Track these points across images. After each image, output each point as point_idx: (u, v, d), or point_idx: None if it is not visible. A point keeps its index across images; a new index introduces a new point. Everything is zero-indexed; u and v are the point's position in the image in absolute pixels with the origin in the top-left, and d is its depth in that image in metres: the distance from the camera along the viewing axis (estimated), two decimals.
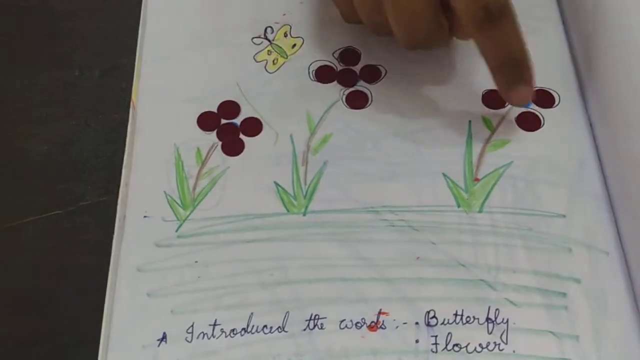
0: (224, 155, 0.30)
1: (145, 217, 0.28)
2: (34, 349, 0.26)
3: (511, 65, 0.28)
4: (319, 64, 0.32)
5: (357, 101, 0.31)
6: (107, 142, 0.31)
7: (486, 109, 0.30)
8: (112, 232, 0.28)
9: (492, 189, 0.28)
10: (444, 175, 0.29)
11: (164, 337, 0.25)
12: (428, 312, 0.26)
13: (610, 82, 0.29)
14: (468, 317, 0.25)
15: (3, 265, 0.28)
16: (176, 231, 0.28)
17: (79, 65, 0.33)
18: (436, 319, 0.25)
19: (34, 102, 0.32)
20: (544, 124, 0.30)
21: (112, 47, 0.33)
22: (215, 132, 0.30)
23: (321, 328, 0.25)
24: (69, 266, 0.28)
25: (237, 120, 0.31)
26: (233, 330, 0.26)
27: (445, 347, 0.25)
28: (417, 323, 0.25)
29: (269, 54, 0.33)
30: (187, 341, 0.25)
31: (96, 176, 0.30)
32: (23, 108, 0.32)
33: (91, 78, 0.33)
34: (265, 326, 0.26)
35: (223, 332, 0.26)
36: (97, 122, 0.31)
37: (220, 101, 0.31)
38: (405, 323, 0.25)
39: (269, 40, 0.33)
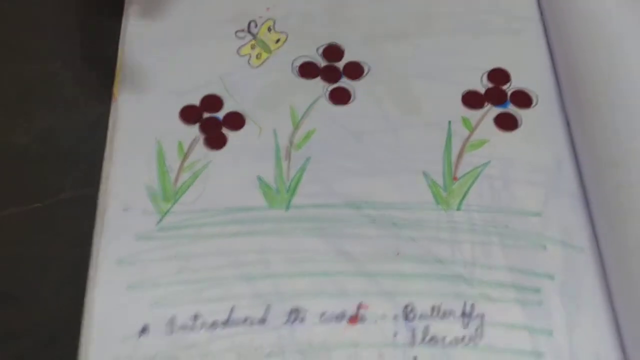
0: (206, 149, 0.30)
1: (125, 210, 0.28)
2: (15, 342, 0.26)
3: None
4: (302, 59, 0.32)
5: (340, 97, 0.31)
6: (89, 135, 0.30)
7: (465, 109, 0.31)
8: (93, 225, 0.28)
9: (470, 187, 0.29)
10: (424, 173, 0.29)
11: (144, 330, 0.26)
12: (406, 306, 0.26)
13: (588, 83, 0.30)
14: (445, 311, 0.26)
15: None
16: (157, 224, 0.28)
17: (61, 57, 0.33)
18: (414, 312, 0.26)
19: (15, 94, 0.31)
20: (521, 124, 0.30)
21: (96, 39, 0.33)
22: (197, 125, 0.30)
23: (302, 321, 0.26)
24: (50, 259, 0.27)
25: (220, 114, 0.31)
26: (214, 322, 0.26)
27: (423, 340, 0.25)
28: (395, 316, 0.26)
29: (252, 49, 0.33)
30: (168, 334, 0.25)
31: (77, 169, 0.30)
32: (3, 100, 0.31)
33: (73, 70, 0.32)
34: (246, 319, 0.26)
35: (204, 324, 0.26)
36: (79, 114, 0.31)
37: (203, 95, 0.31)
38: (384, 316, 0.26)
39: (253, 35, 0.33)
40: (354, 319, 0.26)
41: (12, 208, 0.29)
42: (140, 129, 0.30)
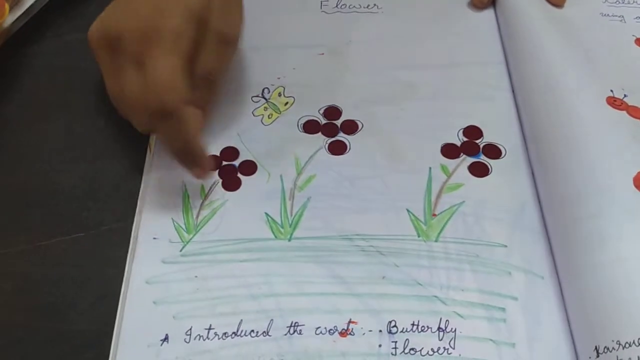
0: (223, 190, 0.35)
1: (154, 238, 0.33)
2: (56, 347, 0.30)
3: (184, 153, 0.33)
4: (306, 118, 0.38)
5: (337, 149, 0.37)
6: (126, 179, 0.36)
7: (444, 158, 0.36)
8: (126, 252, 0.33)
9: (446, 223, 0.33)
10: (408, 210, 0.34)
11: (166, 338, 0.30)
12: (390, 322, 0.30)
13: (547, 140, 0.35)
14: (423, 326, 0.30)
15: (32, 276, 0.32)
16: (180, 251, 0.33)
17: (106, 117, 0.39)
18: (396, 327, 0.30)
19: (67, 145, 0.38)
20: (492, 172, 0.36)
21: None
22: (217, 171, 0.36)
23: (300, 333, 0.30)
24: (88, 278, 0.32)
25: (236, 162, 0.36)
26: (225, 333, 0.30)
27: (403, 351, 0.29)
28: (380, 331, 0.30)
29: (265, 110, 0.39)
30: (186, 342, 0.30)
31: (115, 206, 0.35)
32: (57, 149, 0.38)
33: (115, 127, 0.39)
34: (252, 331, 0.30)
35: (216, 335, 0.30)
36: (118, 162, 0.37)
37: (223, 147, 0.37)
38: (370, 330, 0.30)
39: (265, 99, 0.39)
40: (345, 333, 0.30)
41: (60, 237, 0.34)
42: (170, 174, 0.36)
